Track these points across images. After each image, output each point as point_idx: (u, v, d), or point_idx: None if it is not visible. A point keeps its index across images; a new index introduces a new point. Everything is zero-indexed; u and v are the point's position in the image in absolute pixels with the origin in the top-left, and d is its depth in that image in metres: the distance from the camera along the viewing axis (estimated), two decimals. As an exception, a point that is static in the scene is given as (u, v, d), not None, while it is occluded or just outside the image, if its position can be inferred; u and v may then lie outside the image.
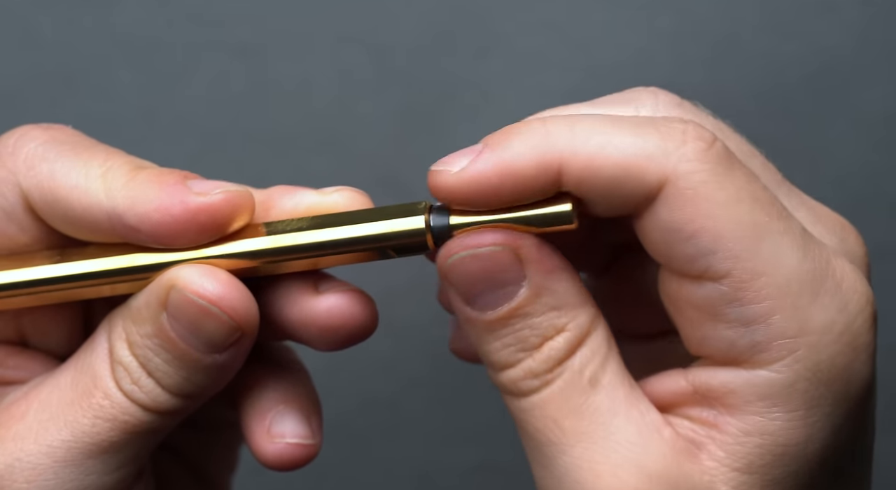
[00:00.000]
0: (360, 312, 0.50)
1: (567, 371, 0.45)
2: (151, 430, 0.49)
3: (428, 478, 0.88)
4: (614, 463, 0.45)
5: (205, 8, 0.82)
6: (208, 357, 0.48)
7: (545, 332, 0.45)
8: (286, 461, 0.51)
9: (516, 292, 0.45)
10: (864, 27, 0.80)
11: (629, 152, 0.44)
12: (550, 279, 0.45)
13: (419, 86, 0.82)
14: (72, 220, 0.49)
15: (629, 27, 0.81)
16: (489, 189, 0.45)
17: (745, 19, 0.81)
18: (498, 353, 0.46)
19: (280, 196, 0.50)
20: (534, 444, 0.46)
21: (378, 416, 0.87)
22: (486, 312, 0.46)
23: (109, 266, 0.49)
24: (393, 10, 0.82)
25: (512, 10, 0.81)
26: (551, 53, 0.82)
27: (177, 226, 0.48)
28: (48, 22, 0.82)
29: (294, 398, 0.52)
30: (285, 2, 0.82)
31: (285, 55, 0.82)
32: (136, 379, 0.49)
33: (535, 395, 0.46)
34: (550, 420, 0.45)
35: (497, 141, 0.45)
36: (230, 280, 0.48)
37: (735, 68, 0.80)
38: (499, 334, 0.46)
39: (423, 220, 0.48)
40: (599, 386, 0.45)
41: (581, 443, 0.45)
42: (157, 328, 0.48)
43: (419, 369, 0.86)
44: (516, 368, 0.46)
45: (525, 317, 0.45)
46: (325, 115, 0.83)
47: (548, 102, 0.82)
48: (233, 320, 0.48)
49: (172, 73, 0.82)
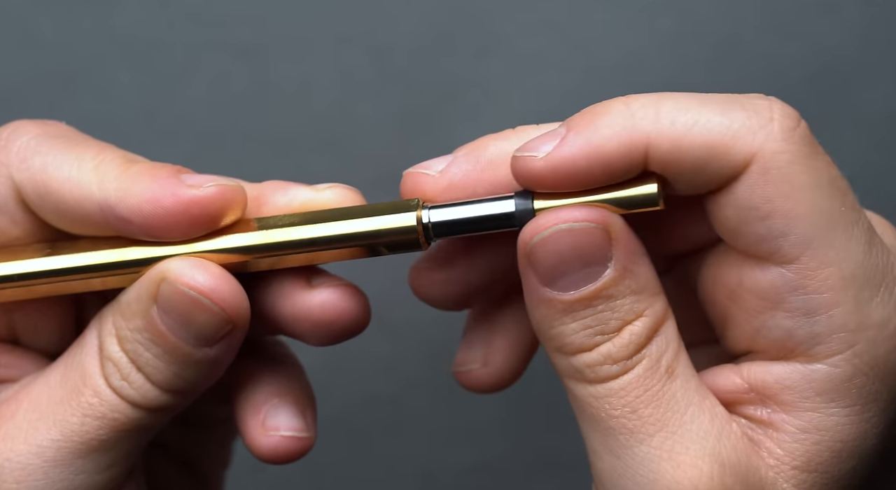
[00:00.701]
0: (352, 307, 0.50)
1: (646, 358, 0.45)
2: (142, 427, 0.49)
3: (428, 477, 0.88)
4: (693, 453, 0.44)
5: (205, 9, 0.82)
6: (199, 351, 0.48)
7: (625, 316, 0.45)
8: (281, 454, 0.51)
9: (601, 273, 0.45)
10: (866, 27, 0.80)
11: (716, 131, 0.44)
12: (634, 262, 0.45)
13: (419, 86, 0.82)
14: (64, 213, 0.49)
15: (630, 28, 0.81)
16: (577, 172, 0.45)
17: (746, 20, 0.81)
18: (574, 335, 0.45)
19: (273, 192, 0.50)
20: (605, 430, 0.45)
21: (378, 416, 0.87)
22: (568, 292, 0.45)
23: (100, 260, 0.49)
24: (393, 11, 0.82)
25: (512, 10, 0.81)
26: (552, 54, 0.82)
27: (168, 218, 0.48)
28: (48, 22, 0.82)
29: (288, 392, 0.52)
30: (285, 3, 0.82)
31: (285, 56, 0.82)
32: (125, 375, 0.48)
33: (614, 381, 0.45)
34: (628, 408, 0.45)
35: (582, 123, 0.45)
36: (221, 273, 0.48)
37: (736, 69, 0.80)
38: (578, 316, 0.45)
39: (415, 217, 0.48)
40: (675, 374, 0.45)
41: (660, 432, 0.45)
42: (148, 322, 0.48)
43: (418, 369, 0.86)
44: (593, 353, 0.45)
45: (608, 299, 0.45)
46: (326, 115, 0.83)
47: (548, 103, 0.82)
48: (224, 312, 0.47)
49: (172, 74, 0.82)
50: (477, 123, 0.82)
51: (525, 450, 0.87)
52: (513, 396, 0.87)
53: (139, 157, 0.50)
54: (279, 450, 0.51)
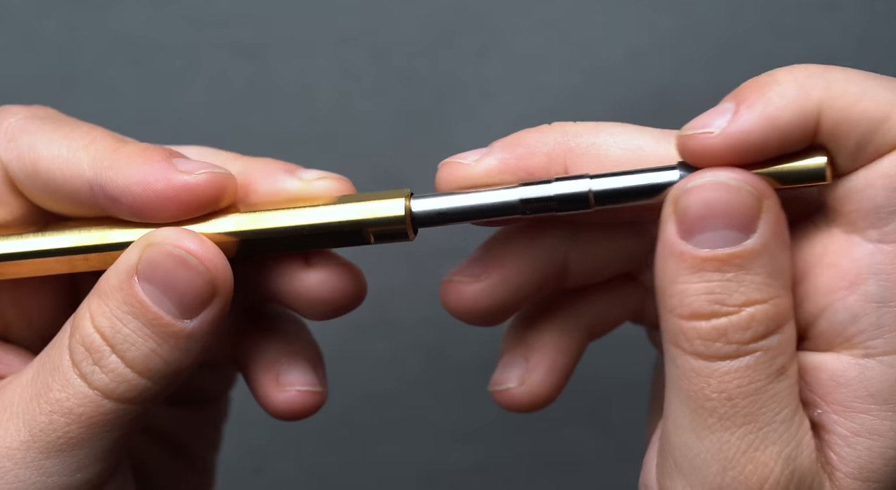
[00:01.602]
0: (348, 286, 0.50)
1: (761, 351, 0.44)
2: (115, 423, 0.47)
3: (428, 477, 0.88)
4: (771, 453, 0.44)
5: (205, 9, 0.82)
6: (179, 323, 0.47)
7: (751, 295, 0.44)
8: (297, 409, 0.51)
9: (742, 240, 0.44)
10: (865, 28, 0.80)
11: (884, 103, 0.44)
12: (776, 243, 0.44)
13: (419, 86, 0.82)
14: (53, 191, 0.49)
15: (630, 27, 0.81)
16: (753, 144, 0.44)
17: (745, 20, 0.81)
18: (696, 296, 0.44)
19: (262, 178, 0.50)
20: (695, 409, 0.45)
21: (377, 415, 0.87)
22: (703, 249, 0.44)
23: (84, 241, 0.49)
24: (393, 11, 0.82)
25: (512, 10, 0.81)
26: (552, 54, 0.82)
27: (158, 201, 0.48)
28: (49, 24, 0.82)
29: (299, 350, 0.52)
30: (286, 3, 0.82)
31: (286, 56, 0.82)
32: (97, 359, 0.47)
33: (721, 363, 0.44)
34: (725, 394, 0.44)
35: (753, 96, 0.44)
36: (207, 240, 0.48)
37: (736, 69, 0.80)
38: (704, 276, 0.44)
39: (403, 206, 0.48)
40: (785, 376, 0.44)
41: (747, 425, 0.44)
42: (127, 294, 0.47)
43: (418, 369, 0.86)
44: (709, 323, 0.44)
45: (739, 269, 0.44)
46: (326, 115, 0.83)
47: (549, 102, 0.82)
48: (209, 272, 0.47)
49: (173, 74, 0.82)
50: (477, 123, 0.82)
51: (525, 450, 0.87)
52: (513, 396, 0.87)
53: (130, 138, 0.50)
54: (295, 404, 0.51)
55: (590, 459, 0.87)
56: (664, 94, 0.81)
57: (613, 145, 0.48)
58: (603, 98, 0.82)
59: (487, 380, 0.54)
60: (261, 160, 0.51)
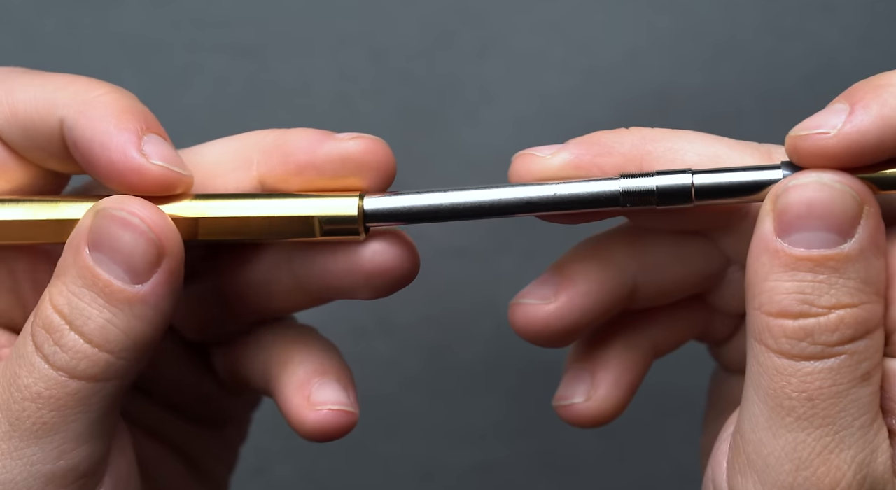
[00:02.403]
0: (404, 255, 0.49)
1: (846, 354, 0.44)
2: (83, 402, 0.47)
3: (428, 477, 0.88)
4: (845, 457, 0.44)
5: (205, 10, 0.82)
6: (130, 288, 0.47)
7: (841, 298, 0.44)
8: (329, 428, 0.51)
9: (839, 244, 0.44)
10: (865, 28, 0.80)
11: None
12: (873, 250, 0.44)
13: (419, 86, 0.82)
14: (31, 136, 0.49)
15: (630, 28, 0.81)
16: (869, 145, 0.44)
17: (745, 20, 0.81)
18: (785, 295, 0.44)
19: (298, 146, 0.49)
20: (774, 407, 0.45)
21: (377, 416, 0.87)
22: (798, 248, 0.44)
23: (33, 215, 0.49)
24: (393, 11, 0.82)
25: (512, 10, 0.81)
26: (552, 54, 0.82)
27: (108, 168, 0.48)
28: (49, 23, 0.82)
29: (331, 370, 0.52)
30: (286, 3, 0.82)
31: (286, 56, 0.82)
32: (57, 338, 0.47)
33: (805, 363, 0.44)
34: (805, 395, 0.44)
35: (867, 97, 0.45)
36: (150, 203, 0.47)
37: (735, 69, 0.80)
38: (796, 275, 0.44)
39: (357, 205, 0.48)
40: (869, 382, 0.44)
41: (824, 427, 0.44)
42: (79, 267, 0.47)
43: (418, 369, 0.86)
44: (797, 322, 0.44)
45: (833, 271, 0.44)
46: (326, 115, 0.83)
47: (548, 102, 0.82)
48: (152, 232, 0.47)
49: (173, 75, 0.82)
50: (477, 123, 0.82)
51: (525, 450, 0.87)
52: (513, 396, 0.87)
53: (118, 87, 0.50)
54: (327, 424, 0.51)
55: (590, 460, 0.87)
56: (664, 94, 0.81)
57: (690, 151, 0.48)
58: (602, 98, 0.82)
59: (488, 380, 0.54)
60: (295, 130, 0.50)
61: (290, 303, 0.52)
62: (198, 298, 0.53)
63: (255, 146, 0.50)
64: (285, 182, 0.49)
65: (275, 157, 0.49)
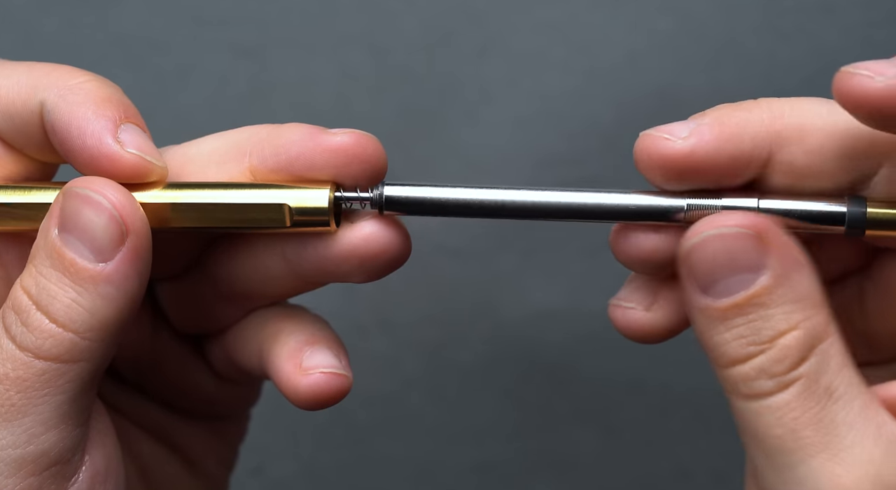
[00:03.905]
0: (396, 237, 0.50)
1: (804, 378, 0.44)
2: (48, 384, 0.47)
3: (428, 477, 0.88)
4: (855, 476, 0.44)
5: (205, 9, 0.82)
6: (94, 266, 0.47)
7: (778, 326, 0.44)
8: (322, 392, 0.51)
9: (755, 280, 0.44)
10: (865, 29, 0.80)
11: None
12: (791, 270, 0.45)
13: (419, 86, 0.82)
14: (13, 117, 0.50)
15: (630, 29, 0.81)
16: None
17: (745, 21, 0.81)
18: (728, 344, 0.45)
19: (290, 141, 0.50)
20: (767, 449, 0.45)
21: (377, 415, 0.87)
22: (721, 299, 0.45)
23: (5, 199, 0.50)
24: (393, 11, 0.82)
25: (512, 10, 0.81)
26: (552, 54, 0.82)
27: (82, 153, 0.48)
28: (50, 22, 0.82)
29: (322, 338, 0.52)
30: (286, 3, 0.82)
31: (286, 56, 0.82)
32: (24, 319, 0.47)
33: (770, 398, 0.44)
34: (787, 428, 0.44)
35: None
36: (115, 183, 0.48)
37: (736, 70, 0.80)
38: (731, 324, 0.45)
39: (327, 197, 0.49)
40: (836, 395, 0.44)
41: (821, 454, 0.44)
42: (47, 247, 0.47)
43: (418, 369, 0.86)
44: (747, 365, 0.45)
45: (760, 306, 0.44)
46: (326, 115, 0.83)
47: (548, 103, 0.82)
48: (115, 209, 0.47)
49: (173, 75, 0.82)
50: (476, 123, 0.82)
51: (525, 450, 0.87)
52: (513, 396, 0.87)
53: (101, 77, 0.50)
54: (319, 388, 0.51)
55: (590, 459, 0.87)
56: (664, 94, 0.81)
57: (820, 129, 0.47)
58: (603, 98, 0.82)
59: (488, 379, 0.54)
60: (289, 125, 0.51)
61: (283, 288, 0.52)
62: (193, 290, 0.54)
63: (249, 139, 0.50)
64: (275, 174, 0.50)
65: (267, 150, 0.50)
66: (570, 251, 0.83)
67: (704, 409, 0.83)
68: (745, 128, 0.47)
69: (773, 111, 0.48)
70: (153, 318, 0.55)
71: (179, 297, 0.54)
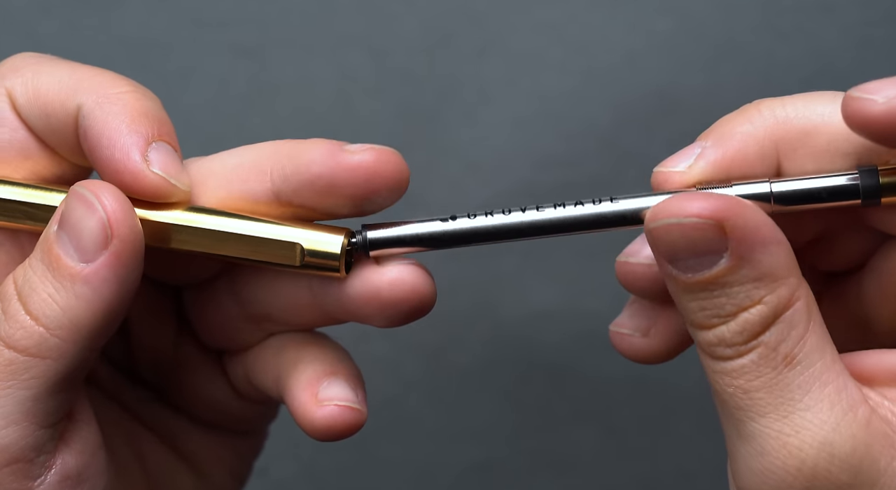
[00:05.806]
0: (423, 284, 0.49)
1: (761, 346, 0.45)
2: (13, 376, 0.47)
3: (428, 477, 0.88)
4: (802, 439, 0.45)
5: (206, 10, 0.82)
6: (75, 265, 0.47)
7: (741, 303, 0.45)
8: (336, 425, 0.51)
9: (716, 262, 0.45)
10: (864, 29, 0.80)
11: None
12: (754, 251, 0.45)
13: (419, 86, 0.82)
14: (50, 117, 0.50)
15: (629, 29, 0.81)
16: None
17: (744, 21, 0.81)
18: (694, 313, 0.46)
19: (310, 159, 0.49)
20: (721, 404, 0.46)
21: (377, 417, 0.87)
22: (686, 274, 0.45)
23: (18, 197, 0.50)
24: (393, 11, 0.82)
25: (511, 11, 0.81)
26: (551, 55, 0.82)
27: (108, 165, 0.48)
28: (50, 24, 0.82)
29: (341, 370, 0.52)
30: (286, 3, 0.82)
31: (286, 56, 0.82)
32: (5, 307, 0.47)
33: (728, 362, 0.45)
34: (740, 389, 0.45)
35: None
36: (115, 188, 0.48)
37: (735, 70, 0.80)
38: (696, 296, 0.46)
39: (341, 244, 0.49)
40: (794, 363, 0.45)
41: (771, 414, 0.45)
42: (44, 242, 0.48)
43: (418, 369, 0.86)
44: (710, 333, 0.46)
45: (723, 286, 0.45)
46: (326, 115, 0.83)
47: (547, 103, 0.82)
48: (104, 211, 0.47)
49: (173, 74, 0.82)
50: (475, 124, 0.82)
51: (525, 450, 0.87)
52: (513, 396, 0.87)
53: (142, 87, 0.51)
54: (333, 420, 0.51)
55: (590, 459, 0.87)
56: (663, 94, 0.81)
57: (824, 129, 0.48)
58: (602, 99, 0.82)
59: (487, 380, 0.54)
60: (309, 141, 0.51)
61: (306, 319, 0.52)
62: (218, 303, 0.54)
63: (271, 157, 0.50)
64: (298, 194, 0.49)
65: (288, 168, 0.49)
66: (569, 252, 0.83)
67: (704, 409, 0.83)
68: (750, 142, 0.49)
69: (776, 117, 0.48)
70: (178, 326, 0.55)
71: (204, 307, 0.54)
